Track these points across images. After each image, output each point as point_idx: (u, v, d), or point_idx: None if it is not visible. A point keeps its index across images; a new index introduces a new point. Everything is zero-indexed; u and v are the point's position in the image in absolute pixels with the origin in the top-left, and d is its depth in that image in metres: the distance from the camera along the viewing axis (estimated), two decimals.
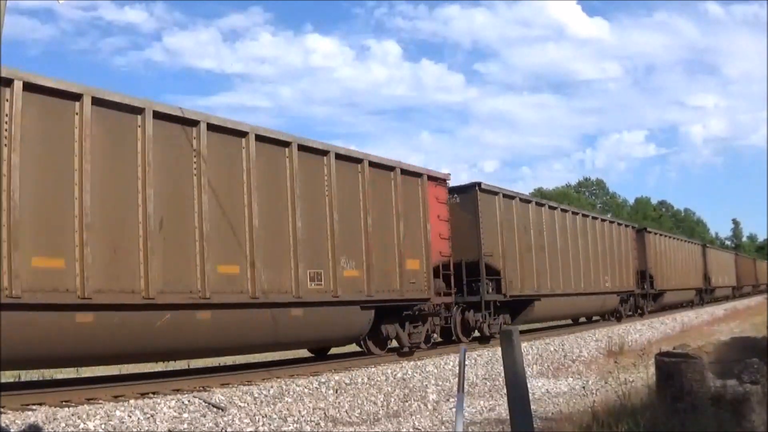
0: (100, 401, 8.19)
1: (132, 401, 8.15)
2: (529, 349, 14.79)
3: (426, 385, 11.03)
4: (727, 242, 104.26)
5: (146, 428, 7.34)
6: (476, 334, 16.62)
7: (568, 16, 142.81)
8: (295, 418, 8.48)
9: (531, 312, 18.12)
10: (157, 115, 9.16)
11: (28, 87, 7.84)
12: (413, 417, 9.25)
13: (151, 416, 7.58)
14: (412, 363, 12.34)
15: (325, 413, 8.88)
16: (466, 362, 5.90)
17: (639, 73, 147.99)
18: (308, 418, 8.60)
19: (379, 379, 10.91)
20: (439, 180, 14.69)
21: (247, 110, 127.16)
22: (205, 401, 8.38)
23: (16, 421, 6.87)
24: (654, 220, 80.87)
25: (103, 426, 7.08)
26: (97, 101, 8.50)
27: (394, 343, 13.94)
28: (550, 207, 20.27)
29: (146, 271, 8.73)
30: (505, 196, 17.37)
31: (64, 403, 8.04)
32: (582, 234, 21.62)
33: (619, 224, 25.91)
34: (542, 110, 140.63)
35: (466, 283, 15.75)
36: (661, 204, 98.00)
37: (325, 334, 12.15)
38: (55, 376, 12.61)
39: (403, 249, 13.15)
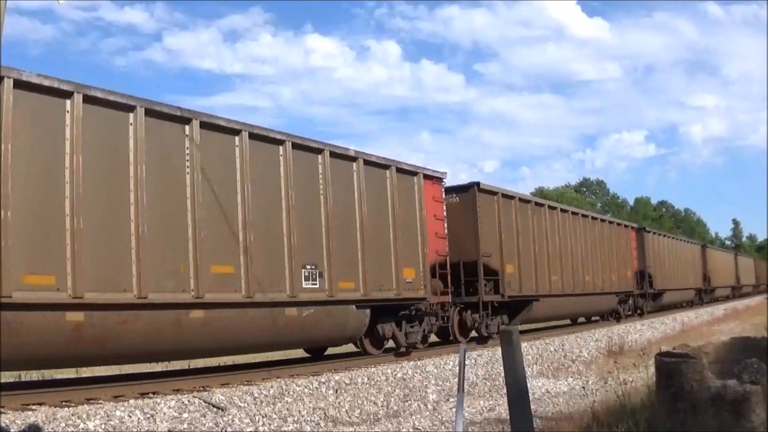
0: (100, 401, 8.18)
1: (132, 401, 8.15)
2: (529, 349, 14.79)
3: (426, 385, 11.03)
4: (727, 242, 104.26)
5: (146, 428, 7.34)
6: (639, 312, 27.23)
7: (568, 16, 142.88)
8: (295, 418, 8.49)
9: (662, 298, 29.58)
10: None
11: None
12: (413, 417, 9.25)
13: (151, 416, 7.59)
14: (412, 363, 12.35)
15: (325, 413, 8.88)
16: (466, 362, 5.91)
17: (639, 74, 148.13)
18: (308, 418, 8.60)
19: (379, 379, 10.91)
20: (632, 227, 27.79)
21: (248, 110, 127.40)
22: (205, 401, 8.38)
23: (16, 421, 6.87)
24: (654, 221, 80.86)
25: (103, 426, 7.08)
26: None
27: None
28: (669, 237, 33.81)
29: (562, 281, 19.87)
30: (655, 233, 30.86)
31: (64, 403, 8.03)
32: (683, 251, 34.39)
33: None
34: (542, 110, 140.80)
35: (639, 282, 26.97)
36: (661, 204, 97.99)
37: (599, 309, 24.19)
38: (54, 376, 12.61)
39: (622, 265, 25.07)
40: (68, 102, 8.34)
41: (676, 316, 27.73)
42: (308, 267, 11.13)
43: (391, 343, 13.83)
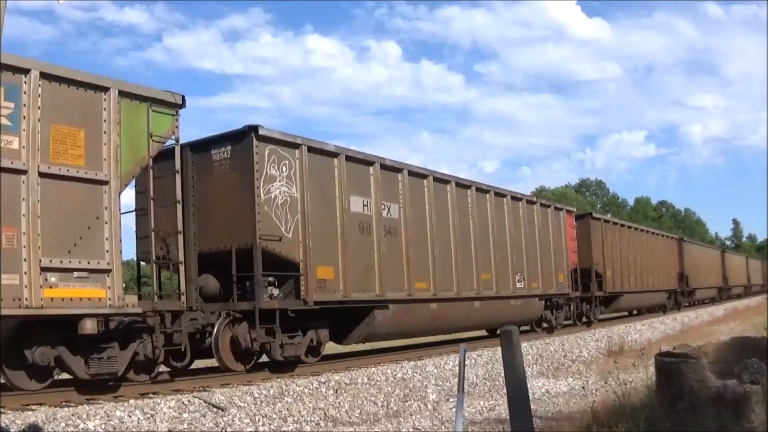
0: (100, 401, 8.18)
1: (132, 401, 8.15)
2: (529, 349, 14.79)
3: (426, 385, 11.03)
4: (727, 242, 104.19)
5: (146, 428, 7.34)
6: (677, 306, 32.74)
7: (568, 16, 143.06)
8: (295, 418, 8.48)
9: (695, 295, 36.04)
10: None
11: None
12: (413, 417, 9.24)
13: (151, 416, 7.58)
14: (412, 363, 12.35)
15: (325, 413, 8.88)
16: (466, 362, 5.91)
17: (639, 74, 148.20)
18: (308, 418, 8.60)
19: (379, 379, 10.90)
20: (675, 238, 34.67)
21: (248, 110, 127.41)
22: (205, 401, 8.38)
23: (16, 421, 6.87)
24: (654, 221, 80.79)
25: (103, 426, 7.08)
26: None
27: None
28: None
29: (636, 281, 26.73)
30: (690, 242, 37.74)
31: (64, 403, 8.04)
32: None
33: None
34: (542, 110, 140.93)
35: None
36: (661, 204, 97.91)
37: (655, 303, 30.35)
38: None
39: (669, 268, 31.77)
40: (425, 181, 14.81)
41: (676, 316, 27.77)
42: (518, 274, 17.93)
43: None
